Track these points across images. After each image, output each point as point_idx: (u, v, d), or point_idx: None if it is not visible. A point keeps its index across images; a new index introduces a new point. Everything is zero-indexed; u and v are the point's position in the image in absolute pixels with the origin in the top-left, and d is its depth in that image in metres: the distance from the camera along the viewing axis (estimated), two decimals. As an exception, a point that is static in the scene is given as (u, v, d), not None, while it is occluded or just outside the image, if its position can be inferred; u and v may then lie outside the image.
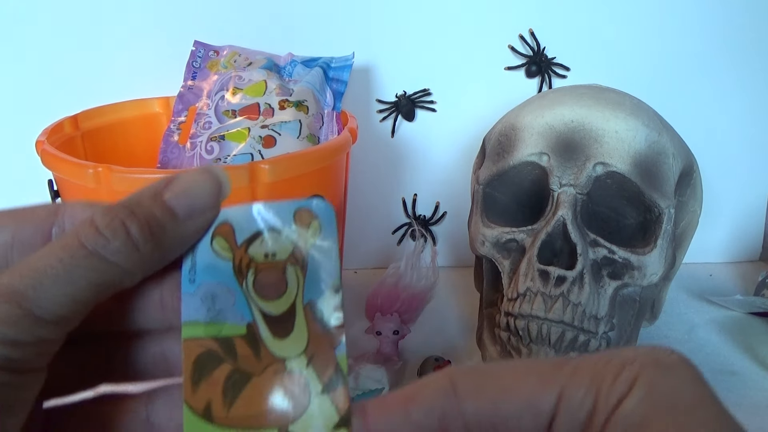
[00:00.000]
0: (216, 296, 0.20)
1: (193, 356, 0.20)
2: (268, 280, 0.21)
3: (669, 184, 0.49)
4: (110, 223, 0.19)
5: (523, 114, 0.53)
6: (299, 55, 0.64)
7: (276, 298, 0.20)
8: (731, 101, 0.72)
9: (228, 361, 0.20)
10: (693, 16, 0.69)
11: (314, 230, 0.21)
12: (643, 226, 0.50)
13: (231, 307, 0.20)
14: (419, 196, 0.76)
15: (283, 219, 0.21)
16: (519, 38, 0.69)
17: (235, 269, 0.21)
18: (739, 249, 0.79)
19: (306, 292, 0.20)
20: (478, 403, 0.18)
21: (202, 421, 0.19)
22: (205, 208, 0.20)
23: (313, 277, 0.21)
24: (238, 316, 0.20)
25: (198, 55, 0.63)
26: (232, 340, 0.20)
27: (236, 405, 0.19)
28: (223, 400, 0.19)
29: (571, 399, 0.18)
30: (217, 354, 0.20)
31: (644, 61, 0.70)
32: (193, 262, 0.21)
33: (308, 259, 0.21)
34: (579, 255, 0.46)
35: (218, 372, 0.20)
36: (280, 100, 0.59)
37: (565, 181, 0.48)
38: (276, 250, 0.21)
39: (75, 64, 0.68)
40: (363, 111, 0.71)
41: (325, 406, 0.19)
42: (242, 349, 0.20)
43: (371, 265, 0.77)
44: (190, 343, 0.20)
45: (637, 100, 0.53)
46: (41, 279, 0.18)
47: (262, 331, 0.20)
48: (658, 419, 0.16)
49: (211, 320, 0.20)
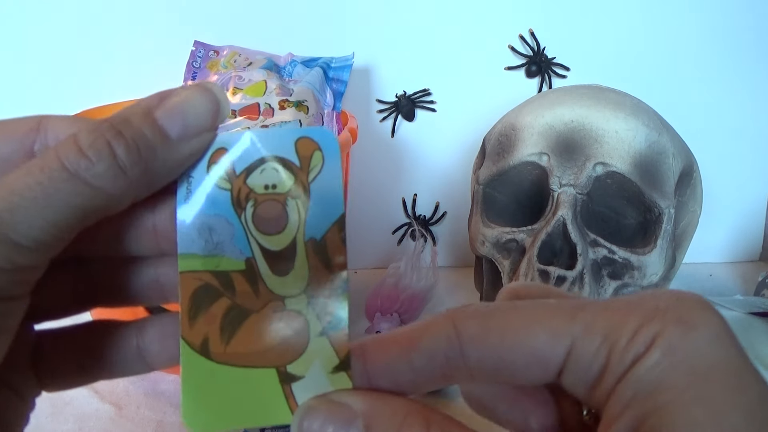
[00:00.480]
0: (213, 228, 0.19)
1: (191, 290, 0.19)
2: (268, 214, 0.19)
3: (669, 184, 0.49)
4: (94, 143, 0.17)
5: (523, 114, 0.53)
6: (299, 55, 0.64)
7: (276, 233, 0.19)
8: (731, 101, 0.72)
9: (226, 296, 0.19)
10: (693, 16, 0.69)
11: (317, 160, 0.20)
12: (643, 226, 0.50)
13: (229, 240, 0.19)
14: (419, 196, 0.75)
15: (285, 148, 0.19)
16: (519, 38, 0.69)
17: (234, 201, 0.19)
18: (739, 249, 0.79)
19: (308, 227, 0.19)
20: (483, 351, 0.17)
21: (200, 356, 0.19)
22: (201, 129, 0.18)
23: (316, 212, 0.19)
24: (237, 251, 0.19)
25: (198, 55, 0.63)
26: (230, 275, 0.19)
27: (234, 342, 0.19)
28: (220, 336, 0.19)
29: (582, 354, 0.17)
30: (215, 288, 0.19)
31: (644, 61, 0.70)
32: (189, 191, 0.19)
33: (311, 192, 0.19)
34: (579, 255, 0.46)
35: (216, 307, 0.19)
36: (280, 100, 0.59)
37: (565, 181, 0.48)
38: (276, 182, 0.19)
39: (75, 64, 0.68)
40: (363, 111, 0.71)
41: (325, 348, 0.19)
42: (241, 284, 0.19)
43: (371, 265, 0.77)
44: (187, 276, 0.19)
45: (637, 100, 0.53)
46: (19, 202, 0.16)
47: (261, 267, 0.19)
48: (673, 385, 0.15)
49: (209, 253, 0.19)
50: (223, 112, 0.19)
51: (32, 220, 0.16)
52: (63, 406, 0.53)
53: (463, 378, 0.18)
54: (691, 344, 0.16)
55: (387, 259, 0.74)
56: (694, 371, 0.15)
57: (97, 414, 0.52)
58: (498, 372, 0.18)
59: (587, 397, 0.17)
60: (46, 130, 0.19)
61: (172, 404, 0.53)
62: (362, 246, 0.76)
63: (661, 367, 0.16)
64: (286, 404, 0.18)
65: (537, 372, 0.17)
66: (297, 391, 0.18)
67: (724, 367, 0.15)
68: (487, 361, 0.17)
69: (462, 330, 0.17)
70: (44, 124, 0.19)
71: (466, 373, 0.18)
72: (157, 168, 0.18)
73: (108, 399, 0.53)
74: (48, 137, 0.19)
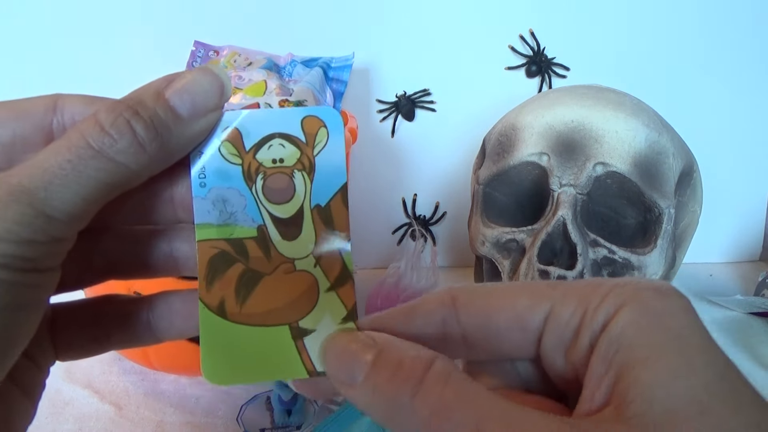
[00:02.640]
0: (227, 200, 0.21)
1: (207, 257, 0.21)
2: (276, 185, 0.21)
3: (669, 184, 0.49)
4: (115, 122, 0.19)
5: (523, 114, 0.53)
6: (299, 55, 0.64)
7: (285, 201, 0.21)
8: (731, 101, 0.72)
9: (240, 261, 0.21)
10: (693, 16, 0.69)
11: (321, 136, 0.21)
12: (643, 226, 0.50)
13: (242, 210, 0.21)
14: (419, 196, 0.75)
15: (291, 125, 0.21)
16: (519, 38, 0.69)
17: (245, 174, 0.21)
18: (739, 249, 0.79)
19: (313, 196, 0.21)
20: (474, 316, 0.19)
21: (217, 317, 0.20)
22: (208, 107, 0.20)
23: (321, 181, 0.21)
24: (249, 219, 0.21)
25: (198, 55, 0.63)
26: (243, 242, 0.21)
27: (248, 302, 0.20)
28: (236, 297, 0.20)
29: (559, 317, 0.18)
30: (230, 255, 0.21)
31: (644, 61, 0.70)
32: (203, 166, 0.21)
33: (315, 164, 0.21)
34: (579, 255, 0.46)
35: (231, 272, 0.21)
36: (280, 100, 0.59)
37: (565, 181, 0.48)
38: (284, 156, 0.21)
39: (75, 64, 0.68)
40: (363, 111, 0.71)
41: (333, 302, 0.21)
42: (253, 250, 0.21)
43: (371, 265, 0.77)
44: (204, 245, 0.21)
45: (637, 100, 0.53)
46: (51, 179, 0.18)
47: (272, 234, 0.21)
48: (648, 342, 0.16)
49: (223, 223, 0.21)
50: (227, 91, 0.20)
51: (64, 195, 0.18)
52: (63, 406, 0.53)
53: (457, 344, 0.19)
54: (664, 307, 0.17)
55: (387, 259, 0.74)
56: (668, 330, 0.16)
57: (97, 414, 0.52)
58: (486, 336, 0.19)
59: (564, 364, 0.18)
60: (63, 110, 0.21)
61: (172, 404, 0.53)
62: (362, 246, 0.76)
63: (634, 326, 0.16)
64: (299, 358, 0.20)
65: (518, 335, 0.19)
66: (309, 344, 0.20)
67: (696, 331, 0.16)
68: (477, 324, 0.19)
69: (457, 296, 0.20)
70: (60, 104, 0.21)
71: (460, 338, 0.19)
72: (172, 144, 0.19)
73: (108, 399, 0.53)
74: (65, 117, 0.21)
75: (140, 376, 0.56)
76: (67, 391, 0.55)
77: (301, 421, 0.49)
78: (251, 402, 0.52)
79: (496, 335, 0.19)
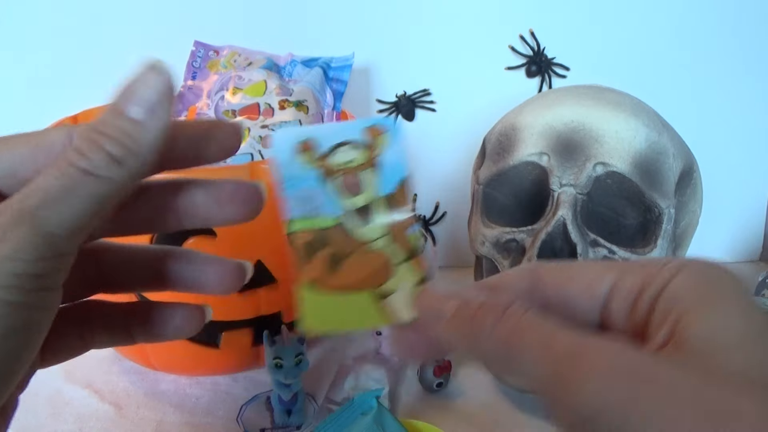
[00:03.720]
0: (310, 198, 0.25)
1: (300, 245, 0.25)
2: (348, 182, 0.25)
3: (669, 184, 0.49)
4: (89, 146, 0.21)
5: (523, 114, 0.53)
6: (299, 55, 0.64)
7: (357, 194, 0.25)
8: (731, 101, 0.72)
9: (326, 246, 0.25)
10: (693, 16, 0.69)
11: (383, 140, 0.26)
12: (643, 226, 0.50)
13: (323, 205, 0.25)
14: (419, 196, 0.76)
15: (356, 133, 0.26)
16: (519, 38, 0.69)
17: (322, 175, 0.25)
18: (739, 249, 0.79)
19: (380, 188, 0.26)
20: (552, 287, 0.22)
21: (311, 289, 0.25)
22: (163, 102, 0.21)
23: (385, 176, 0.26)
24: (329, 212, 0.25)
25: (198, 55, 0.63)
26: (327, 230, 0.25)
27: (336, 277, 0.25)
28: (326, 274, 0.25)
29: (623, 284, 0.21)
30: (318, 241, 0.25)
31: (644, 61, 0.70)
32: (287, 173, 0.25)
33: (379, 162, 0.26)
34: (579, 255, 0.46)
35: (320, 254, 0.25)
36: (280, 100, 0.59)
37: (565, 181, 0.48)
38: (352, 158, 0.26)
39: (75, 64, 0.68)
40: (363, 111, 0.71)
41: (408, 269, 0.25)
42: (335, 236, 0.25)
43: (371, 265, 0.77)
44: (296, 236, 0.25)
45: (637, 100, 0.53)
46: (49, 199, 0.20)
47: (349, 222, 0.25)
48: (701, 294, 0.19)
49: (309, 216, 0.25)
50: (173, 82, 0.21)
51: (63, 212, 0.20)
52: (63, 406, 0.53)
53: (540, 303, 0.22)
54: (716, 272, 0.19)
55: (387, 259, 0.74)
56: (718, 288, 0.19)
57: (97, 414, 0.52)
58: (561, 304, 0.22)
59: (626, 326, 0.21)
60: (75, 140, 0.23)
61: (172, 404, 0.53)
62: (362, 246, 0.76)
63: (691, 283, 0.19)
64: (379, 314, 0.25)
65: (588, 303, 0.21)
66: (390, 302, 0.25)
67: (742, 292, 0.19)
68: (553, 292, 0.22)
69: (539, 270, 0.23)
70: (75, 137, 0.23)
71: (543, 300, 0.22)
72: (144, 148, 0.21)
73: (108, 399, 0.53)
74: None
75: (140, 376, 0.56)
76: (67, 391, 0.55)
77: (301, 421, 0.49)
78: (251, 402, 0.52)
79: (570, 303, 0.22)
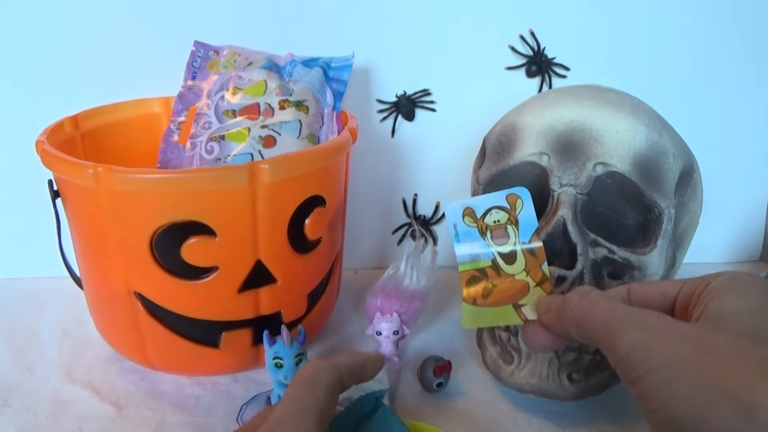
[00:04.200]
0: (473, 247, 0.37)
1: (465, 279, 0.37)
2: (498, 234, 0.37)
3: (669, 184, 0.49)
4: (336, 381, 0.32)
5: (523, 114, 0.53)
6: (299, 55, 0.64)
7: (504, 243, 0.37)
8: (731, 101, 0.72)
9: (483, 279, 0.37)
10: (693, 16, 0.69)
11: (519, 203, 0.37)
12: (643, 226, 0.50)
13: (481, 251, 0.37)
14: (419, 196, 0.76)
15: (501, 200, 0.37)
16: (519, 38, 0.69)
17: (480, 231, 0.38)
18: (739, 249, 0.79)
19: (520, 237, 0.37)
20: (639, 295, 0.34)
21: (472, 306, 0.37)
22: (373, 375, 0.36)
23: (523, 229, 0.37)
24: (485, 256, 0.37)
25: (198, 55, 0.63)
26: (484, 269, 0.37)
27: (489, 298, 0.36)
28: (482, 297, 0.36)
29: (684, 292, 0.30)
30: (477, 276, 0.37)
31: (644, 61, 0.70)
32: (456, 233, 0.38)
33: (518, 219, 0.37)
34: (579, 255, 0.46)
35: (479, 285, 0.36)
36: (280, 100, 0.59)
37: (565, 181, 0.48)
38: (500, 218, 0.37)
39: (75, 64, 0.68)
40: (363, 111, 0.71)
41: (539, 291, 0.36)
42: (490, 272, 0.37)
43: (371, 265, 0.77)
44: (463, 273, 0.37)
45: (637, 100, 0.53)
46: None
47: (499, 262, 0.37)
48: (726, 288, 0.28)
49: (472, 260, 0.37)
50: None
51: None
52: (63, 406, 0.53)
53: None
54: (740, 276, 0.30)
55: (387, 259, 0.74)
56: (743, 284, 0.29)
57: (97, 414, 0.52)
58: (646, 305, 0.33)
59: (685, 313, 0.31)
60: None
61: (171, 404, 0.53)
62: (362, 246, 0.76)
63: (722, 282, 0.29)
64: (518, 315, 0.36)
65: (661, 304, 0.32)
66: (524, 309, 0.36)
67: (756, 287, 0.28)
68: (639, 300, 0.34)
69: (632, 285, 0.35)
70: None
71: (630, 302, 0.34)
72: None
73: (108, 399, 0.53)
74: None
75: (140, 376, 0.56)
76: (67, 391, 0.55)
77: (301, 421, 0.49)
78: (251, 402, 0.52)
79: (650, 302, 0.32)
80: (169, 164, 0.61)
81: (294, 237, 0.50)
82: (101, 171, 0.44)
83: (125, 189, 0.44)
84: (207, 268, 0.48)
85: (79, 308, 0.65)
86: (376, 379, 0.52)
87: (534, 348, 0.38)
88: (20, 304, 0.70)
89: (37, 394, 0.54)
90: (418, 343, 0.60)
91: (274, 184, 0.46)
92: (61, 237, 0.57)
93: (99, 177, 0.44)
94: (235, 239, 0.47)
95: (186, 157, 0.60)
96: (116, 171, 0.44)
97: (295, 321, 0.54)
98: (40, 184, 0.53)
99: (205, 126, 0.60)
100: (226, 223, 0.46)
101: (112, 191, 0.45)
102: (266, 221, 0.47)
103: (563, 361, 0.47)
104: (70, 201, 0.51)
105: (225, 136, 0.58)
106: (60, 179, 0.51)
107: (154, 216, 0.45)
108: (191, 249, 0.46)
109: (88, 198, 0.47)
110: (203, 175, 0.45)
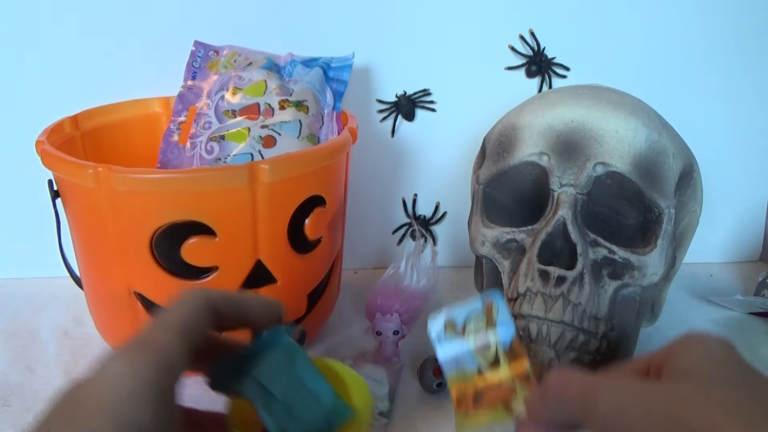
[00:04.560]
0: (458, 359, 0.37)
1: (455, 390, 0.36)
2: (480, 343, 0.37)
3: (669, 184, 0.49)
4: None
5: (523, 114, 0.53)
6: (299, 55, 0.64)
7: (487, 350, 0.37)
8: (731, 101, 0.72)
9: (472, 387, 0.36)
10: (693, 17, 0.69)
11: (495, 310, 0.38)
12: (643, 226, 0.50)
13: (466, 362, 0.37)
14: (419, 196, 0.75)
15: (477, 309, 0.38)
16: (519, 38, 0.69)
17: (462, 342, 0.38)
18: (739, 249, 0.79)
19: (501, 342, 0.37)
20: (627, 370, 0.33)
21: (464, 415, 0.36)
22: None
23: (501, 333, 0.37)
24: (471, 365, 0.37)
25: (198, 55, 0.63)
26: (471, 378, 0.37)
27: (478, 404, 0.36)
28: (473, 404, 0.36)
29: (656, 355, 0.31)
30: (466, 385, 0.37)
31: (644, 61, 0.70)
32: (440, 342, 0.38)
33: (497, 325, 0.37)
34: (579, 255, 0.46)
35: (468, 392, 0.36)
36: (280, 100, 0.59)
37: (566, 181, 0.48)
38: (479, 327, 0.38)
39: (75, 64, 0.68)
40: (363, 111, 0.71)
41: (525, 390, 0.36)
42: (477, 380, 0.37)
43: (371, 265, 0.77)
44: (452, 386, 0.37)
45: (637, 100, 0.53)
46: None
47: (484, 369, 0.37)
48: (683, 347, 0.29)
49: (458, 371, 0.37)
50: None
51: None
52: (63, 406, 0.52)
53: None
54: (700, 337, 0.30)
55: (387, 259, 0.74)
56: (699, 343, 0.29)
57: (97, 414, 0.51)
58: None
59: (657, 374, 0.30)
60: None
61: (172, 404, 0.53)
62: (362, 246, 0.76)
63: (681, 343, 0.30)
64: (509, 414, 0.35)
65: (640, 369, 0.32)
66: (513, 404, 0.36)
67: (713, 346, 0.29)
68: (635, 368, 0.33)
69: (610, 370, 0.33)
70: None
71: None
72: None
73: (108, 399, 0.53)
74: None
75: (140, 376, 0.56)
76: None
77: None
78: (251, 402, 0.52)
79: None
80: (169, 164, 0.61)
81: (294, 237, 0.50)
82: (101, 171, 0.44)
83: (125, 189, 0.44)
84: (207, 268, 0.48)
85: (79, 308, 0.65)
86: (376, 379, 0.52)
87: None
88: (20, 304, 0.70)
89: (37, 394, 0.54)
90: (418, 343, 0.60)
91: (274, 184, 0.46)
92: (61, 237, 0.57)
93: (99, 177, 0.44)
94: (235, 239, 0.47)
95: (186, 157, 0.60)
96: (116, 171, 0.44)
97: (295, 321, 0.54)
98: (40, 184, 0.53)
99: (205, 126, 0.60)
100: (226, 223, 0.46)
101: (112, 191, 0.45)
102: (266, 221, 0.47)
103: (563, 361, 0.47)
104: (70, 201, 0.51)
105: (225, 136, 0.58)
106: (60, 179, 0.51)
107: (154, 216, 0.45)
108: (191, 249, 0.46)
109: (88, 198, 0.47)
110: (203, 175, 0.45)
